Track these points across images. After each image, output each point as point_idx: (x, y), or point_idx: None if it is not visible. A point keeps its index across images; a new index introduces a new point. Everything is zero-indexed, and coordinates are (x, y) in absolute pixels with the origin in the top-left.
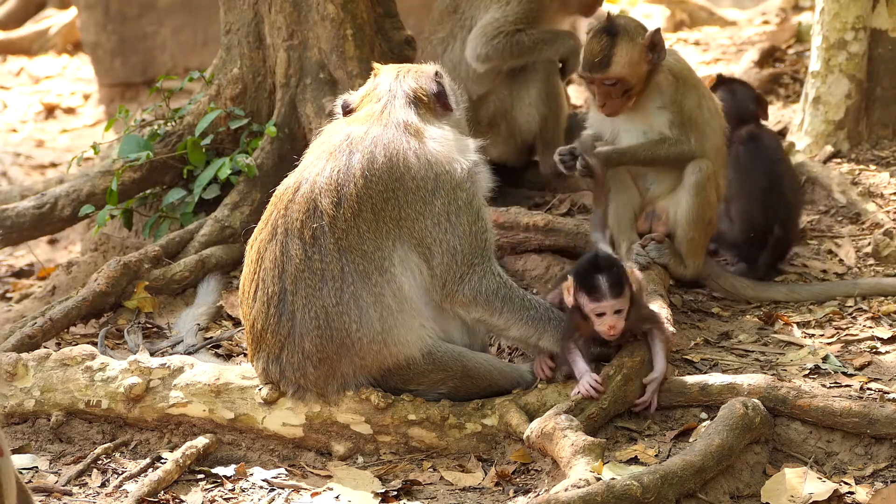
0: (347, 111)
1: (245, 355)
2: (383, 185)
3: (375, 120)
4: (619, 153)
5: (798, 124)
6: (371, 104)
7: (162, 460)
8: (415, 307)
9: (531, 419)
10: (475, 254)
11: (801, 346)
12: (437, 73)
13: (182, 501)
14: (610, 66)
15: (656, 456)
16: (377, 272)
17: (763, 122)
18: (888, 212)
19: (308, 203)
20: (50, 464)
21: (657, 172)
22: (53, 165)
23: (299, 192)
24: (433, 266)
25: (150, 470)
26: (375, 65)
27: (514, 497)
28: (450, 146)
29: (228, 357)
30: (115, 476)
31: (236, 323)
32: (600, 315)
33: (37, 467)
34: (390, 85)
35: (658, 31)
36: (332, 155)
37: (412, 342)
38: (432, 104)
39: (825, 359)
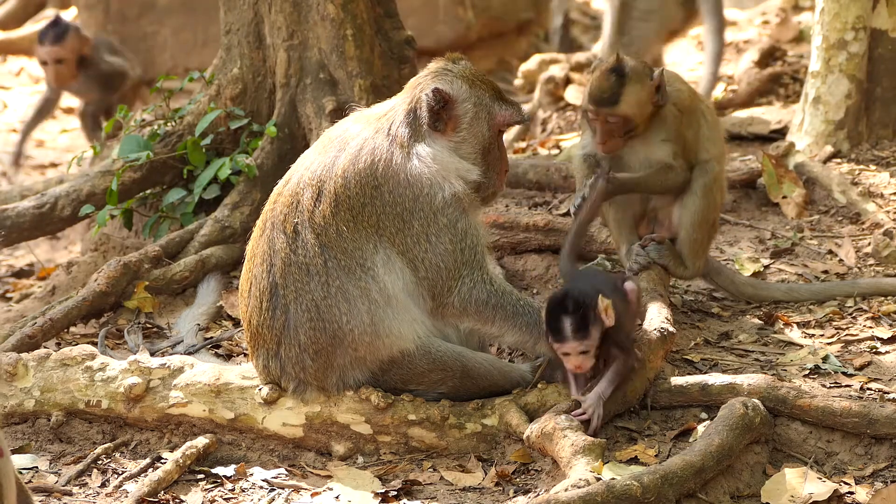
0: None
1: (245, 355)
2: (360, 189)
3: (373, 122)
4: (634, 181)
5: (798, 124)
6: (384, 104)
7: (162, 460)
8: (402, 304)
9: (531, 419)
10: (462, 266)
11: (801, 346)
12: (435, 91)
13: (182, 501)
14: (618, 103)
15: (656, 456)
16: (360, 269)
17: None
18: (888, 212)
19: (293, 197)
20: (50, 464)
21: None
22: (53, 165)
23: (288, 186)
24: (419, 277)
25: (150, 470)
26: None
27: (514, 497)
28: (436, 168)
29: (228, 357)
30: (115, 476)
31: (236, 323)
32: (566, 354)
33: (37, 467)
34: (408, 89)
35: (662, 72)
36: (324, 149)
37: (405, 334)
38: (429, 121)
39: (825, 359)
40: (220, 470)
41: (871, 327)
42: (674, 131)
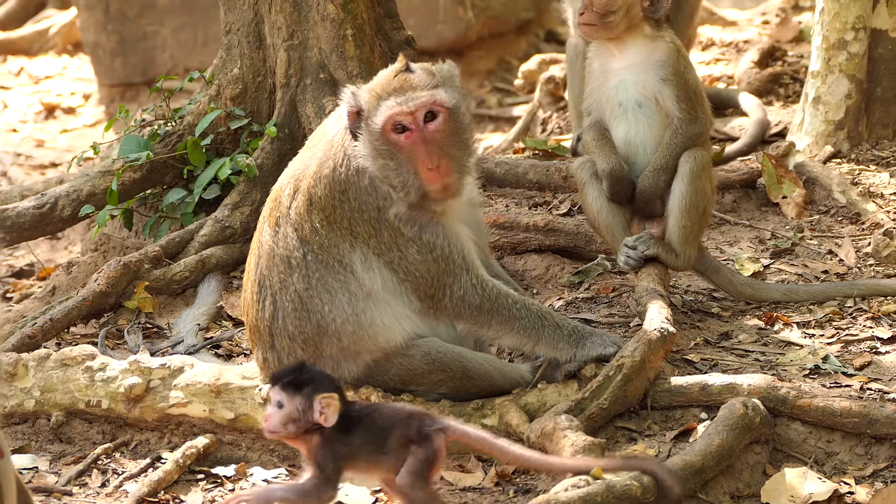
0: None
1: (245, 355)
2: (329, 191)
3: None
4: (655, 170)
5: (798, 124)
6: None
7: (162, 460)
8: (383, 299)
9: (531, 419)
10: (443, 275)
11: (801, 346)
12: (352, 93)
13: (182, 501)
14: None
15: (656, 456)
16: (338, 265)
17: None
18: (888, 212)
19: (277, 192)
20: (50, 464)
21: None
22: (53, 165)
23: (277, 182)
24: (399, 279)
25: (150, 470)
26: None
27: (514, 497)
28: (372, 180)
29: (228, 357)
30: (115, 476)
31: (236, 323)
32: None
33: (37, 467)
34: None
35: None
36: (306, 148)
37: (389, 326)
38: (349, 124)
39: (825, 359)
40: (220, 470)
41: (871, 327)
42: (672, 69)
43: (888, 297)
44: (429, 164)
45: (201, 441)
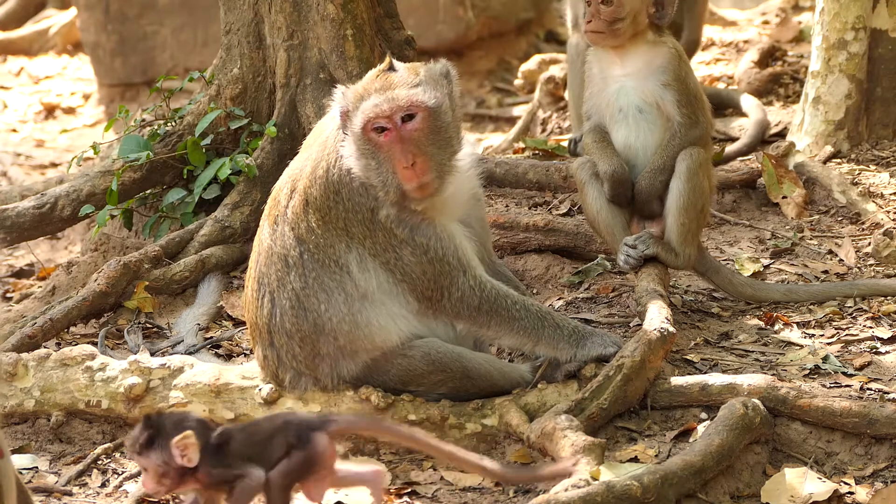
0: None
1: (245, 355)
2: (324, 191)
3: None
4: (653, 171)
5: (798, 124)
6: None
7: None
8: (379, 300)
9: (531, 419)
10: (439, 277)
11: (801, 346)
12: (342, 92)
13: (182, 501)
14: None
15: (656, 456)
16: (334, 265)
17: None
18: (888, 212)
19: (276, 192)
20: (50, 464)
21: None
22: (53, 165)
23: (279, 181)
24: (396, 279)
25: None
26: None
27: (514, 497)
28: (364, 181)
29: (228, 357)
30: (115, 476)
31: (236, 323)
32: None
33: (37, 467)
34: None
35: None
36: (304, 148)
37: (385, 326)
38: (340, 123)
39: (825, 359)
40: None
41: (871, 327)
42: (673, 74)
43: (888, 297)
44: (404, 162)
45: None
